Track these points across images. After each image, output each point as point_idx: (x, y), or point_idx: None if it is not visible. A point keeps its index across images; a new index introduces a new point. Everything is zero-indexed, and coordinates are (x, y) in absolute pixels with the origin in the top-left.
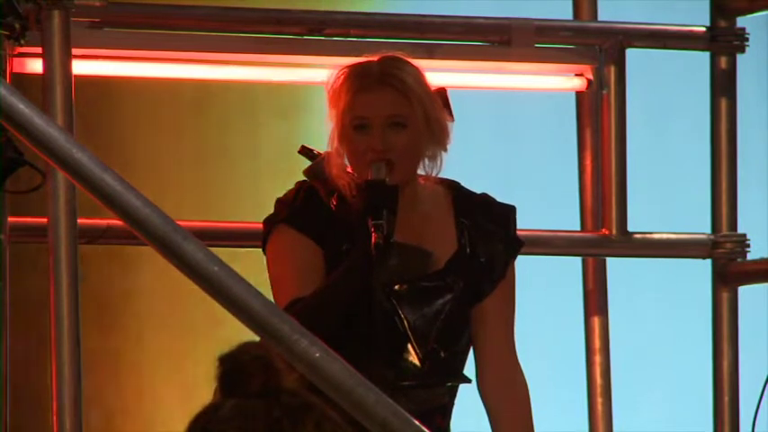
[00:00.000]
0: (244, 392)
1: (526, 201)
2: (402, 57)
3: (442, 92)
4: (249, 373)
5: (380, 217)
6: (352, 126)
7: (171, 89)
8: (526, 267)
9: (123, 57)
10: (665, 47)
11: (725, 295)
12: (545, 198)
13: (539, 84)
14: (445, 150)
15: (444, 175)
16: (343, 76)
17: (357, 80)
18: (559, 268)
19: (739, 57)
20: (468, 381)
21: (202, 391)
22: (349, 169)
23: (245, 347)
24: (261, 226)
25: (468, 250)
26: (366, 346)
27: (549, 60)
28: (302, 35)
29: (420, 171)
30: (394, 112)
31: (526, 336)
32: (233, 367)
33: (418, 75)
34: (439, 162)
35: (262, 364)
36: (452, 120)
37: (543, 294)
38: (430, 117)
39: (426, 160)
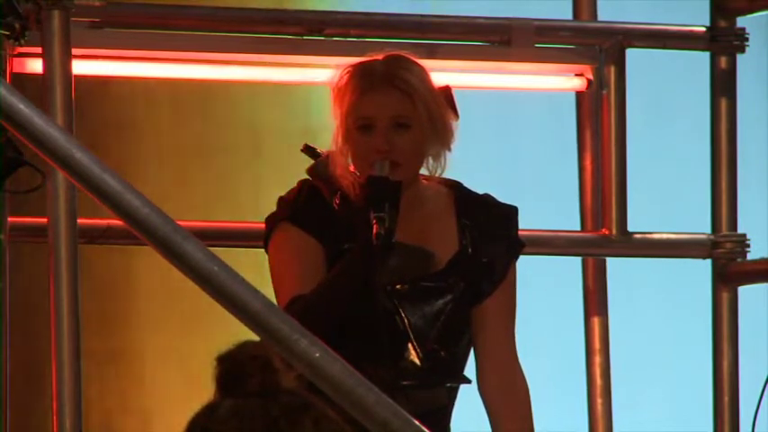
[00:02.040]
0: (242, 392)
1: (526, 201)
2: (407, 56)
3: (446, 90)
4: (247, 372)
5: (382, 210)
6: (357, 126)
7: (172, 89)
8: (526, 267)
9: (123, 57)
10: (665, 47)
11: (725, 295)
12: (545, 198)
13: (539, 84)
14: (449, 150)
15: (444, 174)
16: (347, 76)
17: (362, 80)
18: (559, 268)
19: (739, 57)
20: (468, 381)
21: (203, 390)
22: (352, 168)
23: (243, 347)
24: (262, 226)
25: (469, 251)
26: (366, 345)
27: (549, 60)
28: (302, 35)
29: (423, 171)
30: (398, 113)
31: (526, 336)
32: (231, 367)
33: (423, 74)
34: (443, 162)
35: (260, 364)
36: (457, 118)
37: (543, 294)
38: (434, 117)
39: (430, 160)
